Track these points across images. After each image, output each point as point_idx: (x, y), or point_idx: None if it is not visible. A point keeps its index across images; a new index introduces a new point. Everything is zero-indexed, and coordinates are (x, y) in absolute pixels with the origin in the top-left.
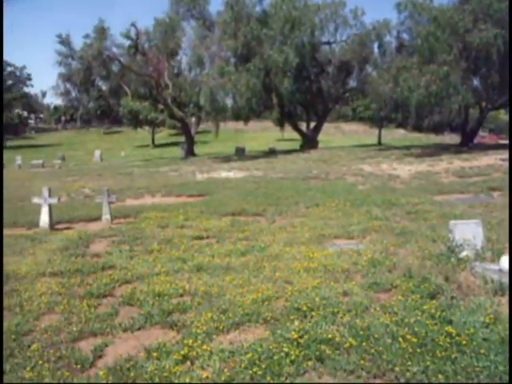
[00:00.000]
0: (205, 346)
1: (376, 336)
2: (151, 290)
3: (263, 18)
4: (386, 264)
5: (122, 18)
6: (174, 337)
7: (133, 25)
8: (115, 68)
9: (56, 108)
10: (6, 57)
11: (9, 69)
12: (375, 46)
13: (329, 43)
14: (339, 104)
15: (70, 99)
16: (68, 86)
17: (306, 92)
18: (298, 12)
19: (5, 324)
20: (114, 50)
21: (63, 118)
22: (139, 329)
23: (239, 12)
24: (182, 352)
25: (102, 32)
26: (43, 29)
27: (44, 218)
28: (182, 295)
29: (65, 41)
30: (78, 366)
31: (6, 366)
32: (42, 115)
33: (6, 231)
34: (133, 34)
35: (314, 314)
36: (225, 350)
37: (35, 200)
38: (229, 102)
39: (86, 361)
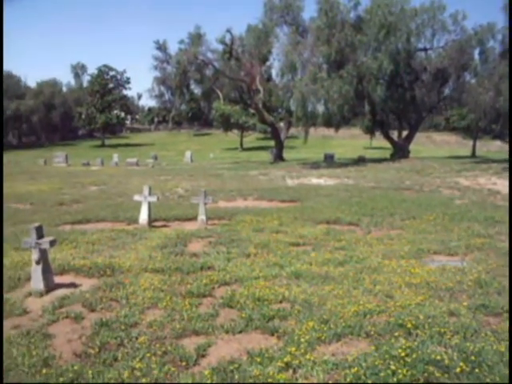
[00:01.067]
0: (308, 356)
1: (489, 363)
2: (251, 293)
3: (357, 23)
4: (494, 286)
5: (214, 24)
6: (275, 343)
7: (228, 31)
8: (209, 72)
9: (150, 110)
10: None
11: (111, 73)
12: (476, 52)
13: (425, 49)
14: (433, 113)
15: (163, 101)
16: (162, 89)
17: (398, 100)
18: (393, 17)
19: (112, 314)
20: (209, 54)
21: (156, 120)
22: (240, 332)
23: (333, 18)
24: (285, 359)
25: (198, 38)
26: (142, 35)
27: (143, 215)
28: (281, 301)
29: (161, 46)
30: (183, 363)
31: (118, 354)
32: (137, 116)
33: (108, 225)
34: (227, 39)
35: (419, 332)
36: (328, 362)
37: (136, 197)
38: (320, 108)
39: (190, 358)
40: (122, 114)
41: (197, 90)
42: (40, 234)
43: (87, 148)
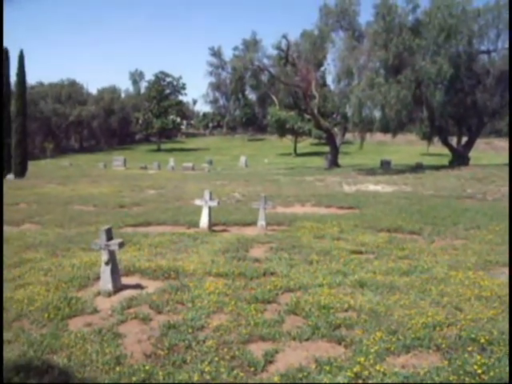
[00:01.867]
0: (377, 367)
1: None
2: (316, 301)
3: (416, 27)
4: None
5: (268, 30)
6: (343, 352)
7: (284, 37)
8: (264, 78)
9: (205, 115)
10: (165, 69)
11: (167, 79)
12: None
13: (488, 52)
14: (495, 118)
15: (217, 107)
16: (217, 94)
17: (458, 105)
18: (454, 19)
19: (179, 317)
20: (265, 60)
21: (211, 125)
22: (307, 339)
23: (391, 22)
24: (355, 369)
25: (253, 44)
26: (197, 42)
27: (204, 219)
28: (346, 310)
29: (216, 53)
30: (251, 369)
31: (187, 357)
32: (192, 121)
33: (168, 228)
34: (283, 45)
35: (494, 348)
36: (399, 374)
37: (197, 202)
38: (377, 113)
39: (258, 364)
40: (178, 119)
41: (251, 95)
42: (109, 236)
43: (144, 152)
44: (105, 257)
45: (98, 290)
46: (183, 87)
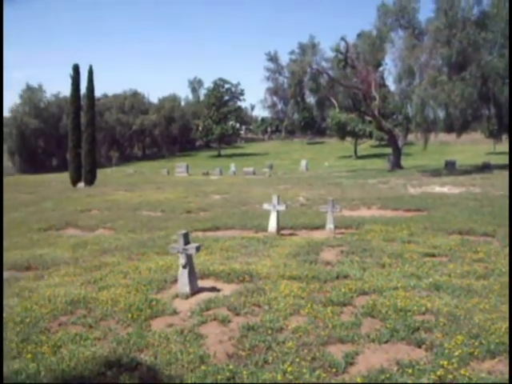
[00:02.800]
0: (462, 371)
1: None
2: (392, 304)
3: (481, 20)
4: None
5: (323, 33)
6: (425, 355)
7: (342, 39)
8: (323, 81)
9: (263, 120)
10: (223, 76)
11: (226, 86)
12: None
13: None
14: None
15: (275, 111)
16: (274, 99)
17: None
18: None
19: (257, 319)
20: (323, 63)
21: (269, 129)
22: (386, 342)
23: (453, 17)
24: (438, 373)
25: (312, 47)
26: (254, 47)
27: (272, 223)
28: (424, 313)
29: (273, 58)
30: (333, 370)
31: (268, 357)
32: (251, 126)
33: (237, 232)
34: (342, 47)
35: None
36: (486, 379)
37: (265, 206)
38: (441, 113)
39: (338, 365)
40: (237, 125)
41: (309, 98)
42: (186, 240)
43: (204, 158)
44: (182, 260)
45: (176, 292)
46: (241, 93)
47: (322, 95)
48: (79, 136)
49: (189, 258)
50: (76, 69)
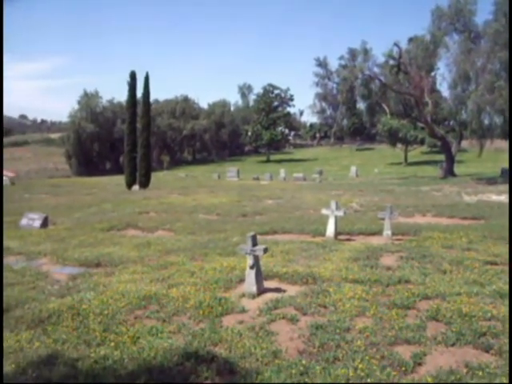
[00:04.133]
0: None
1: None
2: (456, 309)
3: None
4: None
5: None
6: (494, 360)
7: (395, 44)
8: (374, 87)
9: (312, 125)
10: (274, 82)
11: (275, 91)
12: None
13: None
14: None
15: (324, 117)
16: (323, 104)
17: None
18: None
19: (324, 319)
20: (375, 69)
21: (318, 135)
22: (452, 345)
23: None
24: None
25: (364, 52)
26: (303, 53)
27: (330, 228)
28: (489, 319)
29: (322, 63)
30: (402, 369)
31: (338, 354)
32: (299, 132)
33: (294, 236)
34: (395, 53)
35: None
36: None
37: (324, 211)
38: (498, 119)
39: (407, 365)
40: (286, 131)
41: (358, 104)
42: (254, 242)
43: (253, 163)
44: (250, 261)
45: (242, 291)
46: (291, 98)
47: (373, 101)
48: (135, 140)
49: (256, 259)
50: (133, 75)
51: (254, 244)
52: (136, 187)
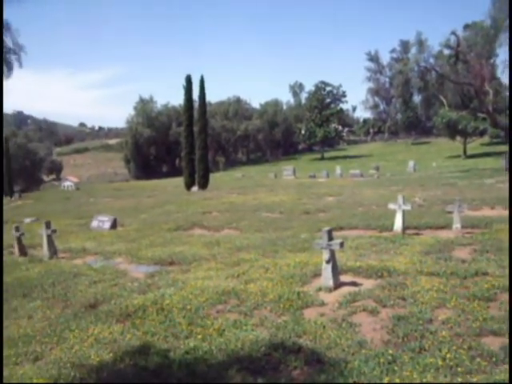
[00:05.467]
0: None
1: None
2: None
3: None
4: None
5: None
6: None
7: (453, 33)
8: (431, 79)
9: (365, 121)
10: (324, 78)
11: (327, 88)
12: None
13: None
14: None
15: (378, 112)
16: (376, 99)
17: None
18: None
19: (405, 310)
20: (430, 60)
21: (371, 131)
22: None
23: None
24: None
25: (419, 44)
26: (354, 48)
27: (398, 223)
28: None
29: (373, 57)
30: (493, 359)
31: (424, 344)
32: (352, 128)
33: (361, 232)
34: (452, 42)
35: None
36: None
37: (391, 206)
38: None
39: (497, 356)
40: (339, 127)
41: (413, 97)
42: (330, 236)
43: (308, 161)
44: (326, 256)
45: (319, 285)
46: (343, 95)
47: (430, 93)
48: (192, 143)
49: (332, 253)
50: (188, 79)
51: (330, 239)
52: (195, 188)
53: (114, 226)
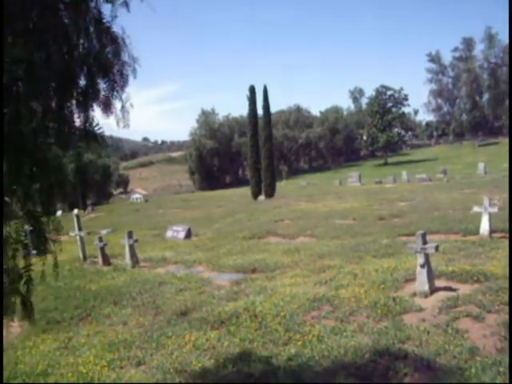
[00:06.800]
0: None
1: None
2: None
3: None
4: None
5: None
6: None
7: None
8: (501, 75)
9: (428, 124)
10: (384, 82)
11: (388, 92)
12: None
13: None
14: None
15: (441, 114)
16: (439, 101)
17: None
18: None
19: (507, 317)
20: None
21: (435, 133)
22: None
23: None
24: None
25: (489, 39)
26: (413, 50)
27: (484, 226)
28: None
29: (434, 58)
30: None
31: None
32: (415, 132)
33: (443, 237)
34: None
35: None
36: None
37: (476, 209)
38: None
39: None
40: (402, 132)
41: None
42: (424, 240)
43: (371, 167)
44: (421, 260)
45: (413, 290)
46: (405, 98)
47: (500, 91)
48: (258, 152)
49: (427, 257)
50: (252, 90)
51: (424, 242)
52: (262, 197)
53: (188, 235)
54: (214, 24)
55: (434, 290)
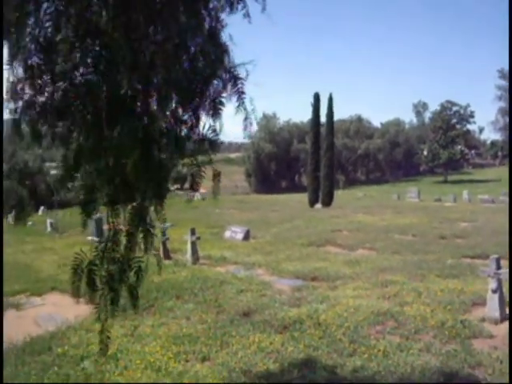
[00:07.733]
0: None
1: None
2: None
3: None
4: None
5: None
6: None
7: None
8: None
9: (493, 143)
10: (451, 98)
11: (454, 108)
12: None
13: None
14: None
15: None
16: (507, 120)
17: None
18: None
19: None
20: None
21: (500, 153)
22: None
23: None
24: None
25: None
26: (483, 66)
27: None
28: None
29: (505, 75)
30: None
31: None
32: (479, 151)
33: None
34: None
35: None
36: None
37: None
38: None
39: None
40: (465, 149)
41: None
42: (498, 264)
43: (430, 184)
44: (493, 285)
45: (482, 315)
46: (471, 115)
47: None
48: (318, 160)
49: (499, 282)
50: (317, 97)
51: (498, 267)
52: (318, 205)
53: (246, 237)
54: (279, 29)
55: (504, 317)
